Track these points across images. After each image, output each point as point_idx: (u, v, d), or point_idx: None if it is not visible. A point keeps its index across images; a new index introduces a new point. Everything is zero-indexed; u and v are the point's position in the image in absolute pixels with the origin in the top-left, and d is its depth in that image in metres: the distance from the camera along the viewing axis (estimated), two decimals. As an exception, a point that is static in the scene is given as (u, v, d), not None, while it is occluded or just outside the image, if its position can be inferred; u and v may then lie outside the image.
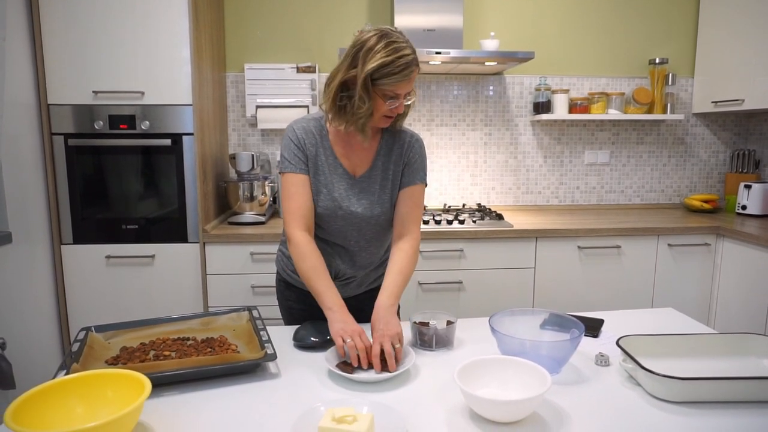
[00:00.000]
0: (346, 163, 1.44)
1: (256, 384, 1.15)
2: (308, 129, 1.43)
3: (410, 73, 1.30)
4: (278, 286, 1.64)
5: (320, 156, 1.43)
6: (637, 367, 1.08)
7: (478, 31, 3.01)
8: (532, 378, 1.05)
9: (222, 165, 2.83)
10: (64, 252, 2.39)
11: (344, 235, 1.46)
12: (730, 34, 2.87)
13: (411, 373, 1.20)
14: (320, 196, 1.42)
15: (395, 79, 1.28)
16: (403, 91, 1.33)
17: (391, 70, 1.27)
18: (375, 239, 1.50)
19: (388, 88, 1.30)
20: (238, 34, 2.93)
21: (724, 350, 1.23)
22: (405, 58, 1.28)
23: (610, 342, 1.38)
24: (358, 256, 1.50)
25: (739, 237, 2.49)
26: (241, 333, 1.38)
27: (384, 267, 1.57)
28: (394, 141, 1.48)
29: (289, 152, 1.42)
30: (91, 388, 1.00)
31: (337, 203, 1.42)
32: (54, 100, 2.30)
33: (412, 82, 1.33)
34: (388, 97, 1.32)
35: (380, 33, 1.29)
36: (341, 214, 1.43)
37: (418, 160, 1.48)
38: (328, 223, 1.45)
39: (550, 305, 2.59)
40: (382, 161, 1.46)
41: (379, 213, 1.45)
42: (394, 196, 1.48)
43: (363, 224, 1.45)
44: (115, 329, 1.38)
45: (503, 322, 1.29)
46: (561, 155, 3.17)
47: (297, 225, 1.39)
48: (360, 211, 1.43)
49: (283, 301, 1.62)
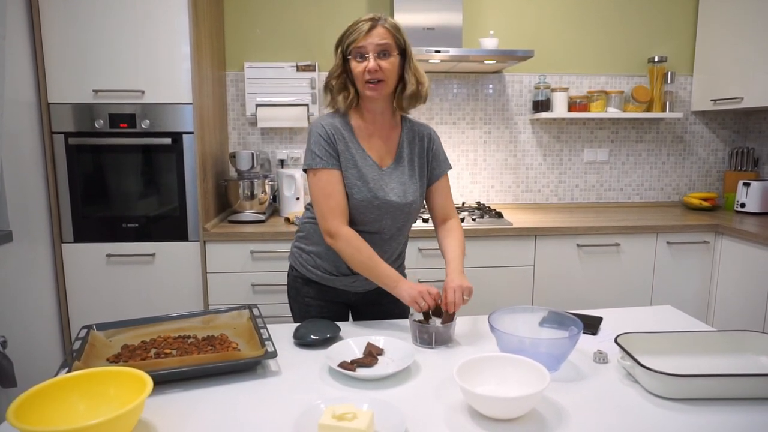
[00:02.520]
0: (373, 155, 1.49)
1: (257, 382, 1.16)
2: (334, 124, 1.47)
3: (366, 26, 1.39)
4: (293, 283, 1.65)
5: (350, 149, 1.47)
6: (635, 365, 1.09)
7: (477, 30, 3.02)
8: (530, 375, 1.06)
9: (222, 163, 2.84)
10: (65, 250, 2.39)
11: (379, 223, 1.50)
12: (730, 32, 2.88)
13: (411, 371, 1.20)
14: (355, 188, 1.45)
15: (354, 36, 1.39)
16: (367, 44, 1.39)
17: (350, 30, 1.41)
18: (404, 227, 1.57)
19: (353, 47, 1.40)
20: (238, 32, 2.93)
21: (722, 347, 1.24)
22: (364, 19, 1.41)
23: (608, 339, 1.39)
24: (388, 245, 1.55)
25: (738, 235, 2.49)
26: (241, 331, 1.39)
27: (401, 260, 1.67)
28: (414, 134, 1.56)
29: (319, 148, 1.45)
30: (93, 385, 1.00)
31: (373, 193, 1.46)
32: (54, 99, 2.30)
33: (375, 36, 1.39)
34: (354, 59, 1.41)
35: None
36: (377, 204, 1.47)
37: (442, 152, 1.60)
38: (363, 214, 1.48)
39: (550, 303, 2.59)
40: (407, 153, 1.53)
41: (411, 201, 1.51)
42: (423, 187, 1.56)
43: (397, 212, 1.50)
44: (116, 327, 1.38)
45: (503, 319, 1.30)
46: (560, 153, 3.18)
47: (341, 221, 1.44)
48: (395, 199, 1.48)
49: (298, 298, 1.63)
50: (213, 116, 2.66)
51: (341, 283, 1.57)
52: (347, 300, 1.63)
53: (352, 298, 1.62)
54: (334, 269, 1.56)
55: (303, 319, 1.58)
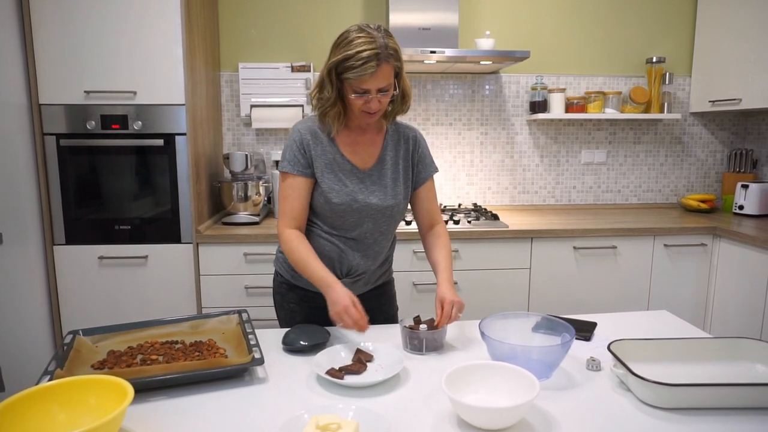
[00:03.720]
0: (354, 159, 1.47)
1: (244, 389, 1.14)
2: (313, 129, 1.45)
3: (371, 67, 1.29)
4: (278, 289, 1.62)
5: (327, 155, 1.44)
6: (628, 373, 1.07)
7: (473, 30, 2.99)
8: (520, 384, 1.04)
9: (216, 165, 2.81)
10: (57, 253, 2.37)
11: (360, 227, 1.48)
12: (728, 32, 2.85)
13: (400, 378, 1.18)
14: (333, 193, 1.43)
15: (356, 74, 1.29)
16: (371, 86, 1.33)
17: (352, 63, 1.29)
18: (387, 231, 1.53)
19: (353, 82, 1.32)
20: (233, 32, 2.91)
21: (717, 355, 1.22)
22: (368, 52, 1.28)
23: (602, 346, 1.37)
24: (371, 249, 1.53)
25: (736, 237, 2.47)
26: (230, 336, 1.37)
27: (388, 263, 1.63)
28: (399, 136, 1.52)
29: (290, 153, 1.44)
30: (73, 394, 0.98)
31: (352, 196, 1.44)
32: (45, 99, 2.28)
33: (380, 77, 1.32)
34: (355, 92, 1.34)
35: (356, 27, 1.33)
36: (357, 207, 1.45)
37: (428, 154, 1.57)
38: (343, 218, 1.46)
39: (546, 306, 2.57)
40: (391, 156, 1.50)
41: (392, 204, 1.48)
42: (408, 190, 1.53)
43: (378, 215, 1.48)
44: (103, 332, 1.37)
45: (494, 326, 1.28)
46: (557, 155, 3.15)
47: (287, 224, 1.45)
48: (375, 202, 1.46)
49: (284, 303, 1.61)
50: (207, 117, 2.64)
51: None
52: None
53: None
54: None
55: (289, 325, 1.56)
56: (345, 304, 1.28)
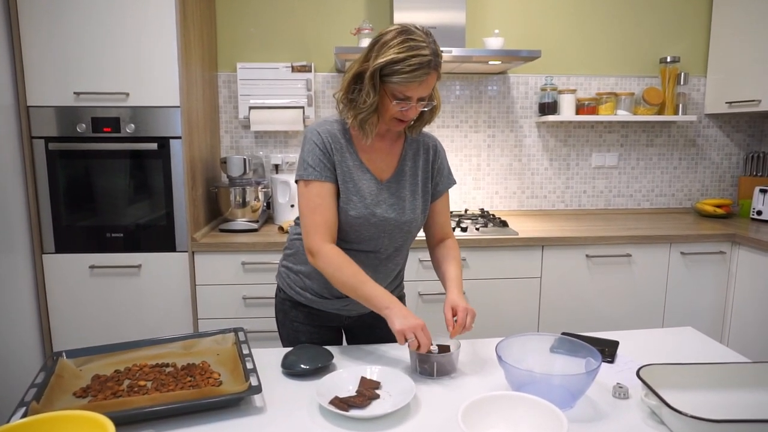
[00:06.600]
0: (372, 167, 1.37)
1: (239, 420, 1.04)
2: (333, 132, 1.34)
3: (422, 74, 1.21)
4: (281, 306, 1.52)
5: (347, 161, 1.34)
6: (662, 404, 0.97)
7: (481, 29, 2.89)
8: (545, 418, 0.94)
9: (213, 169, 2.71)
10: (46, 262, 2.28)
11: (375, 242, 1.38)
12: (745, 30, 2.75)
13: (411, 408, 1.08)
14: (351, 203, 1.33)
15: (404, 79, 1.21)
16: (415, 94, 1.25)
17: (401, 68, 1.21)
18: (403, 246, 1.45)
19: (397, 88, 1.23)
20: (231, 31, 2.81)
21: (755, 381, 1.12)
22: (419, 58, 1.20)
23: (627, 368, 1.27)
24: (384, 265, 1.43)
25: (756, 245, 2.36)
26: (225, 358, 1.27)
27: (399, 279, 1.54)
28: (418, 145, 1.44)
29: (313, 158, 1.31)
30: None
31: (370, 210, 1.34)
32: (33, 101, 2.18)
33: (426, 85, 1.25)
34: (396, 98, 1.25)
35: (401, 29, 1.24)
36: (374, 221, 1.35)
37: (446, 165, 1.49)
38: (358, 231, 1.35)
39: (558, 317, 2.47)
40: (409, 167, 1.41)
41: (410, 219, 1.39)
42: (426, 204, 1.44)
43: (395, 230, 1.38)
44: (88, 354, 1.28)
45: (511, 347, 1.18)
46: (567, 158, 3.05)
47: (323, 238, 1.30)
48: (393, 216, 1.36)
49: (287, 322, 1.50)
50: (203, 119, 2.54)
51: (333, 306, 1.45)
52: (340, 324, 1.51)
53: (345, 321, 1.50)
54: (325, 291, 1.43)
55: (292, 344, 1.46)
56: (418, 324, 1.19)
